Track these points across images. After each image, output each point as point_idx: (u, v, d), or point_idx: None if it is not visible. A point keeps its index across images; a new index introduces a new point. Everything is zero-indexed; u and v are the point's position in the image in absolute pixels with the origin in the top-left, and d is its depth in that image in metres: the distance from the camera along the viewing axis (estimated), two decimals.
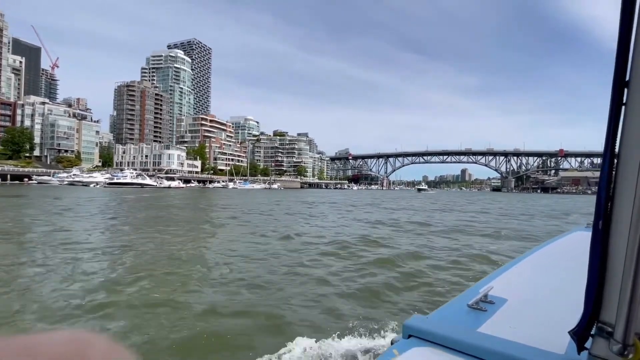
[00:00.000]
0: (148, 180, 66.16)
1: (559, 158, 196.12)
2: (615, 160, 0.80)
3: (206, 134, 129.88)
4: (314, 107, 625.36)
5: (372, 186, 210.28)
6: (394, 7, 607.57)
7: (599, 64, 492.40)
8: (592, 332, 0.87)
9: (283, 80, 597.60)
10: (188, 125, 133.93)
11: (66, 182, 63.85)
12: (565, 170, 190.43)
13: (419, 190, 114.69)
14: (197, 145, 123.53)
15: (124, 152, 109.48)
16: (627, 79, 0.77)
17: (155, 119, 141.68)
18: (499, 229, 14.13)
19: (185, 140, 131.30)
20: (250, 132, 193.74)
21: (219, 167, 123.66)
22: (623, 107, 0.78)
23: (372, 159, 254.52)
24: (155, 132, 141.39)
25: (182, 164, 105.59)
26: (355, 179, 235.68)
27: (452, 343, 1.11)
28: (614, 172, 0.81)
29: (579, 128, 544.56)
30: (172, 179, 72.40)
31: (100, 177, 63.23)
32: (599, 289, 0.83)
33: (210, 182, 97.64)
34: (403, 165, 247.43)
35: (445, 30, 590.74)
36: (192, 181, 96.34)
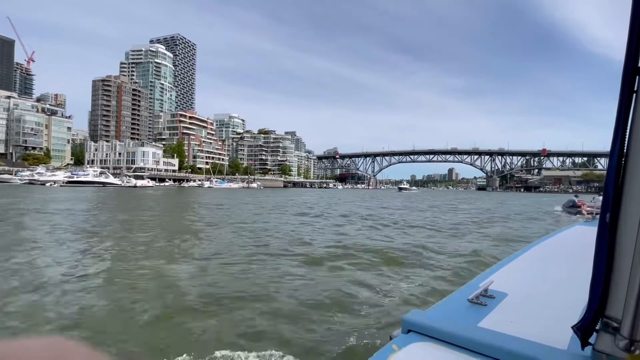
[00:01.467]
0: (112, 179, 62.30)
1: (542, 157, 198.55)
2: (626, 151, 0.77)
3: (185, 131, 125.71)
4: (303, 106, 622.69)
5: (359, 185, 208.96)
6: (382, 9, 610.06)
7: (579, 68, 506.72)
8: (597, 327, 0.85)
9: (272, 79, 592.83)
10: (166, 122, 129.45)
11: (25, 181, 59.76)
12: (548, 169, 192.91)
13: (400, 189, 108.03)
14: (175, 142, 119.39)
15: (96, 150, 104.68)
16: (639, 65, 0.73)
17: (132, 115, 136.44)
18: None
19: (163, 137, 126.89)
20: (234, 130, 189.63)
21: (198, 166, 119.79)
22: (634, 96, 0.75)
23: (359, 158, 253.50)
24: (132, 129, 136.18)
25: (157, 162, 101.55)
26: (342, 178, 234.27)
27: (452, 338, 1.10)
28: (622, 163, 0.78)
29: (559, 129, 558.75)
30: (141, 177, 68.65)
31: (61, 175, 59.23)
32: (605, 283, 0.82)
33: (186, 180, 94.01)
34: (390, 165, 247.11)
35: (432, 32, 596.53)
36: (167, 180, 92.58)
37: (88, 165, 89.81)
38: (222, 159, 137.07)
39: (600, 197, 9.11)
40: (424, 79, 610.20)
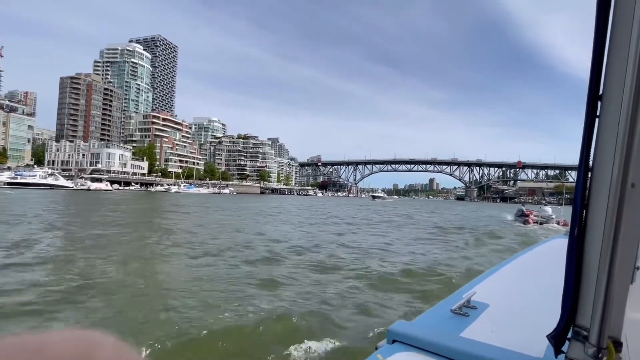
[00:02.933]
0: (62, 181, 57.41)
1: (517, 169, 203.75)
2: (590, 170, 0.82)
3: (158, 133, 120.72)
4: (288, 114, 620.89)
5: (339, 193, 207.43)
6: (367, 22, 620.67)
7: (551, 85, 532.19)
8: (569, 335, 0.89)
9: (257, 86, 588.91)
10: (138, 123, 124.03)
11: None
12: (523, 181, 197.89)
13: (374, 197, 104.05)
14: (147, 145, 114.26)
15: (57, 150, 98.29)
16: (600, 92, 0.79)
17: (103, 115, 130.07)
18: None
19: (134, 139, 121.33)
20: (214, 134, 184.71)
21: (170, 170, 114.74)
22: (597, 120, 0.80)
23: (342, 166, 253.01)
24: (102, 129, 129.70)
25: (124, 165, 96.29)
26: (324, 186, 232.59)
27: (436, 348, 1.12)
28: (588, 181, 0.82)
29: (534, 143, 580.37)
30: (99, 180, 63.93)
31: (4, 176, 53.89)
32: (574, 293, 0.85)
33: (153, 185, 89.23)
34: (372, 173, 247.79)
35: (416, 46, 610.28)
36: (134, 184, 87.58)
37: (48, 167, 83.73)
38: (197, 163, 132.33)
39: (546, 207, 16.30)
40: (408, 91, 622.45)
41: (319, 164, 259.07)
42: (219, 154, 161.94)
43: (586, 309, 0.83)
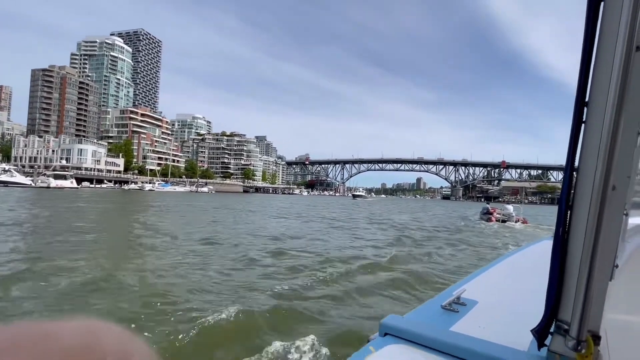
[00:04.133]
0: (19, 178, 53.61)
1: (502, 169, 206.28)
2: (575, 173, 0.86)
3: (136, 129, 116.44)
4: (278, 113, 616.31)
5: (326, 192, 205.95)
6: (357, 22, 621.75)
7: (535, 88, 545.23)
8: (552, 330, 0.92)
9: (247, 84, 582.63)
10: (114, 119, 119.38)
11: None
12: (507, 180, 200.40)
13: (355, 196, 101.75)
14: (123, 141, 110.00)
15: (25, 146, 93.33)
16: (586, 99, 0.83)
17: (79, 110, 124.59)
18: None
19: (111, 135, 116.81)
20: (198, 131, 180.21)
21: (149, 167, 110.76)
22: (583, 125, 0.84)
23: (330, 166, 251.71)
24: (78, 125, 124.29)
25: (98, 161, 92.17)
26: (311, 185, 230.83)
27: (426, 341, 1.17)
28: (573, 184, 0.86)
29: (517, 144, 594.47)
30: (63, 177, 60.31)
31: None
32: (558, 290, 0.89)
33: (127, 182, 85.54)
34: (359, 172, 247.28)
35: (405, 47, 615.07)
36: (106, 181, 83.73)
37: (13, 163, 79.20)
38: (178, 161, 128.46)
39: (508, 206, 25.06)
40: (396, 91, 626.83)
41: (307, 162, 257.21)
42: (201, 152, 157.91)
43: (568, 304, 0.87)
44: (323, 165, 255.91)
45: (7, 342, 0.19)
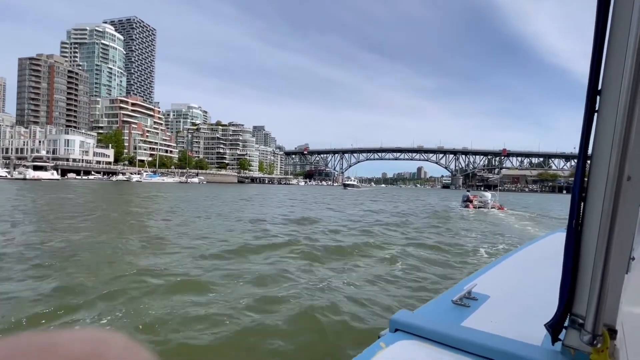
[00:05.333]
0: None
1: (502, 157, 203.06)
2: (588, 164, 0.83)
3: (126, 119, 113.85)
4: (277, 102, 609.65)
5: (324, 182, 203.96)
6: (355, 7, 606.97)
7: (537, 75, 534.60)
8: (566, 324, 0.91)
9: (245, 74, 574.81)
10: (104, 109, 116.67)
11: None
12: (508, 169, 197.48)
13: (345, 186, 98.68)
14: (113, 131, 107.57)
15: (11, 137, 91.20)
16: (599, 88, 0.80)
17: (68, 100, 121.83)
18: None
19: (101, 125, 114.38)
20: (193, 121, 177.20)
21: (140, 158, 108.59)
22: (595, 114, 0.81)
23: (329, 155, 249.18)
24: (68, 115, 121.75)
25: (86, 152, 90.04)
26: (309, 175, 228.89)
27: (436, 336, 1.15)
28: (586, 175, 0.84)
29: (518, 132, 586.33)
30: (44, 168, 58.33)
31: None
32: (572, 284, 0.87)
33: (115, 174, 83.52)
34: (358, 162, 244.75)
35: (404, 33, 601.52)
36: (94, 173, 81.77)
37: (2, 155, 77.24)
38: (171, 151, 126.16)
39: (485, 193, 27.40)
40: (397, 79, 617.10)
41: (305, 152, 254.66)
42: (196, 142, 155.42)
43: (582, 298, 0.85)
44: (322, 155, 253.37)
45: (12, 352, 0.19)
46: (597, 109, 0.81)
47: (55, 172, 60.24)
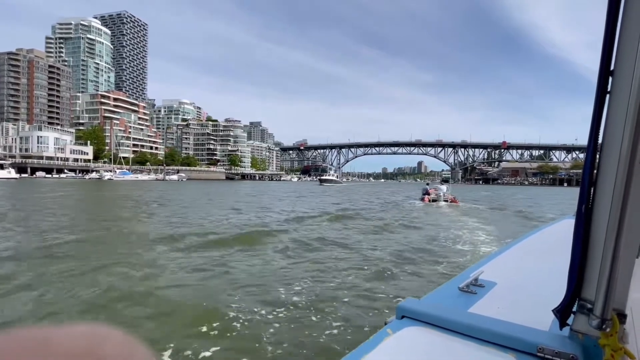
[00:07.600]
0: None
1: (502, 150, 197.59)
2: (599, 147, 0.82)
3: (108, 114, 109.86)
4: (276, 98, 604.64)
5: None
6: (356, 2, 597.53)
7: (539, 67, 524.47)
8: (574, 309, 0.91)
9: (244, 70, 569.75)
10: (85, 104, 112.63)
11: None
12: (508, 161, 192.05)
13: (322, 181, 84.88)
14: (93, 127, 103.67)
15: None
16: (611, 68, 0.78)
17: (49, 96, 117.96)
18: None
19: (82, 121, 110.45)
20: (185, 117, 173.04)
21: (123, 155, 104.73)
22: (607, 96, 0.79)
23: (327, 150, 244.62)
24: (50, 111, 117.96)
25: (62, 149, 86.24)
26: (306, 171, 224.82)
27: (443, 322, 1.16)
28: (597, 159, 0.82)
29: (519, 125, 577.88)
30: (0, 166, 54.63)
31: None
32: (580, 268, 0.87)
33: (89, 172, 79.67)
34: (356, 157, 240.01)
35: (405, 28, 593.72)
36: (66, 171, 77.99)
37: None
38: (156, 148, 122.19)
39: (441, 186, 27.36)
40: (397, 74, 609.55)
41: (302, 148, 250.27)
42: (186, 138, 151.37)
43: (592, 282, 0.85)
44: (320, 151, 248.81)
45: (8, 348, 0.19)
46: (609, 89, 0.79)
47: (12, 170, 56.40)
